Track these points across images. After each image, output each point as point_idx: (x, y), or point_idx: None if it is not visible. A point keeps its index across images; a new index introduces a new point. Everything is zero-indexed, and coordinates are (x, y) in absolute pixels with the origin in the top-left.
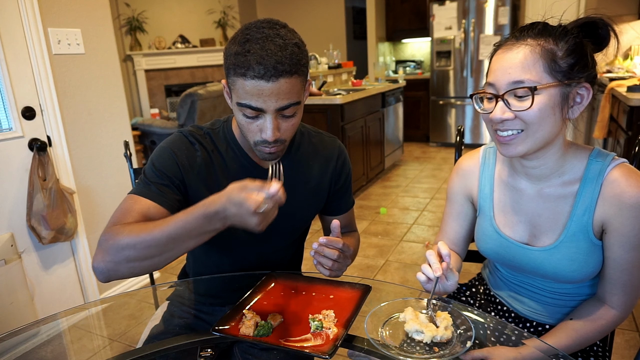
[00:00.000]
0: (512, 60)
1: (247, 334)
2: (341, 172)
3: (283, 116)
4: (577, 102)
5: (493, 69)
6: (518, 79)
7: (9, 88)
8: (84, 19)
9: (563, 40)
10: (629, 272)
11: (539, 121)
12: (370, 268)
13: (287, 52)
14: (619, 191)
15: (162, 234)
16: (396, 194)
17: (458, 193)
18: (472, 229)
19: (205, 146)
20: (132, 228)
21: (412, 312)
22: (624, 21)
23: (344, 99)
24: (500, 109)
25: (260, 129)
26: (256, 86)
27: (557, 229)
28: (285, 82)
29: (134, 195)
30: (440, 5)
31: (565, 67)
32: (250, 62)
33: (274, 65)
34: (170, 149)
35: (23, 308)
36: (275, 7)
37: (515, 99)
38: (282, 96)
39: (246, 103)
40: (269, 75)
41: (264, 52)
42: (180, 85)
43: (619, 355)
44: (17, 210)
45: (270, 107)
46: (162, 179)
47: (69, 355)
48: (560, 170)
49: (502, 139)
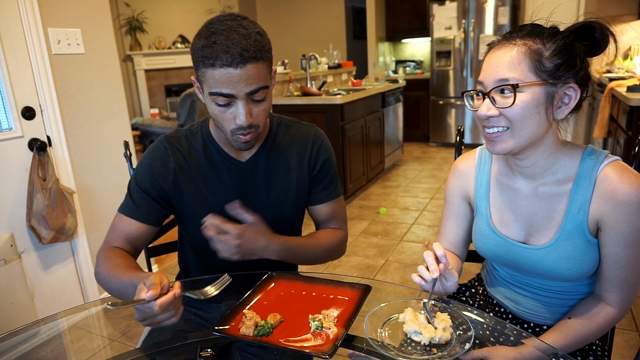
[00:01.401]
0: (500, 59)
1: (247, 334)
2: (317, 157)
3: (254, 101)
4: (565, 102)
5: (483, 67)
6: (503, 77)
7: (8, 88)
8: (83, 19)
9: (551, 40)
10: (625, 269)
11: (522, 119)
12: (370, 268)
13: (251, 40)
14: (612, 188)
15: (113, 289)
16: (396, 194)
17: (455, 194)
18: (471, 229)
19: (180, 149)
20: (104, 267)
21: (412, 313)
22: (623, 21)
23: (343, 99)
24: (485, 105)
25: (234, 117)
26: (225, 74)
27: (552, 228)
28: (252, 67)
29: (119, 214)
30: (440, 5)
31: (550, 67)
32: (218, 52)
33: (240, 52)
34: (147, 161)
35: (23, 308)
36: (275, 7)
37: (501, 97)
38: (250, 81)
39: (217, 91)
40: (237, 62)
41: (229, 41)
42: (180, 85)
43: (618, 355)
44: (16, 210)
45: (241, 92)
46: (142, 195)
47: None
48: (553, 168)
49: (489, 136)
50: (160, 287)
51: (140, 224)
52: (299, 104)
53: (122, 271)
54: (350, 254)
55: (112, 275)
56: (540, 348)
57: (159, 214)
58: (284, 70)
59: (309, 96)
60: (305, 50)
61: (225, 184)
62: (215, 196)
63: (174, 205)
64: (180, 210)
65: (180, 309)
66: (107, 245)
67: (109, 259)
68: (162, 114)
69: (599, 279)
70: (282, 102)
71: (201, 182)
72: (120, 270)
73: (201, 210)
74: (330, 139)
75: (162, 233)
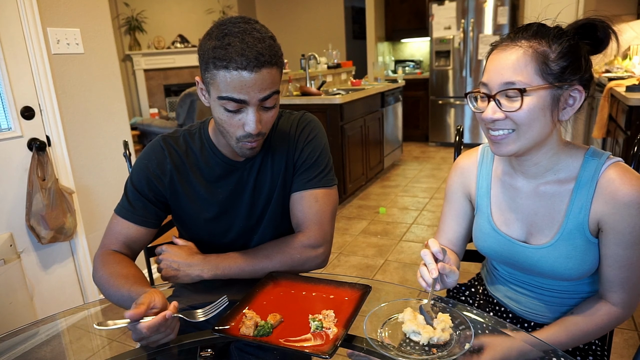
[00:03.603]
0: (505, 62)
1: (247, 334)
2: (298, 140)
3: (264, 108)
4: (569, 104)
5: (487, 69)
6: (509, 80)
7: (8, 88)
8: (83, 19)
9: (557, 42)
10: (627, 269)
11: (528, 122)
12: (370, 268)
13: (266, 44)
14: (614, 189)
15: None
16: (395, 193)
17: (456, 192)
18: (471, 228)
19: (177, 149)
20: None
21: (411, 313)
22: (622, 21)
23: (343, 98)
24: (491, 108)
25: (242, 123)
26: (238, 77)
27: (553, 227)
28: (266, 72)
29: (116, 215)
30: (440, 5)
31: (557, 69)
32: (232, 54)
33: (256, 56)
34: (143, 162)
35: (22, 308)
36: (275, 7)
37: (507, 100)
38: (264, 86)
39: (228, 96)
40: (252, 66)
41: (244, 44)
42: (180, 85)
43: (617, 354)
44: (16, 210)
45: (254, 98)
46: (139, 196)
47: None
48: (555, 168)
49: (494, 138)
50: (146, 307)
51: (137, 227)
52: (298, 104)
53: (121, 282)
54: (350, 253)
55: (111, 284)
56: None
57: (156, 216)
58: (284, 70)
59: (308, 96)
60: (304, 50)
61: (222, 184)
62: (213, 197)
63: (171, 206)
64: (177, 211)
65: (176, 327)
66: (104, 249)
67: (107, 265)
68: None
69: (600, 280)
70: (282, 102)
71: (198, 183)
72: (119, 280)
73: (198, 211)
74: (329, 139)
75: (162, 233)
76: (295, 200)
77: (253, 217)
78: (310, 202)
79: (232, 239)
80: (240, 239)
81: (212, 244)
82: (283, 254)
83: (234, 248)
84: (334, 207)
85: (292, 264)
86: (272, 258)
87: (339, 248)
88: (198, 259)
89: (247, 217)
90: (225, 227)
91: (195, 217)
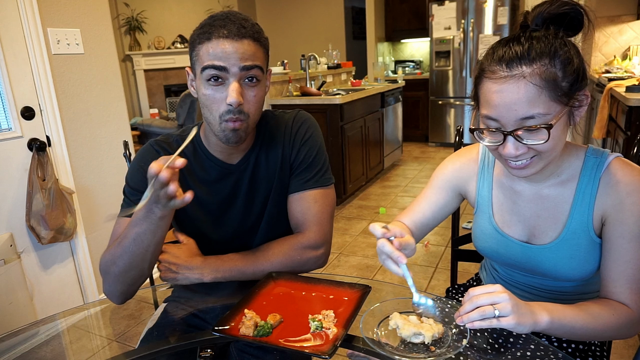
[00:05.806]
0: (515, 96)
1: (247, 334)
2: (294, 140)
3: (247, 84)
4: (579, 112)
5: (493, 103)
6: (527, 115)
7: (8, 88)
8: (83, 19)
9: (556, 56)
10: (631, 264)
11: (553, 147)
12: (370, 268)
13: (250, 23)
14: (616, 181)
15: (125, 239)
16: (395, 193)
17: (446, 182)
18: (440, 220)
19: (170, 152)
20: (109, 248)
21: (401, 317)
22: (622, 21)
23: (343, 99)
24: (512, 145)
25: (225, 97)
26: (220, 45)
27: (557, 228)
28: (248, 43)
29: (119, 219)
30: (440, 5)
31: (567, 87)
32: (215, 27)
33: (238, 27)
34: (138, 164)
35: (22, 308)
36: (275, 7)
37: (527, 133)
38: (245, 56)
39: (210, 64)
40: (233, 35)
41: (227, 20)
42: (180, 85)
43: (617, 354)
44: (16, 210)
45: (234, 66)
46: (138, 195)
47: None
48: (558, 171)
49: (514, 166)
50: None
51: None
52: (298, 104)
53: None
54: (350, 254)
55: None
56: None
57: None
58: (284, 70)
59: (308, 96)
60: (304, 50)
61: (218, 187)
62: (210, 199)
63: None
64: (175, 214)
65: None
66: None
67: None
68: (162, 114)
69: (604, 282)
70: (282, 102)
71: (194, 186)
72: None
73: (196, 214)
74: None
75: None
76: (294, 201)
77: (251, 218)
78: (309, 203)
79: (232, 239)
80: (240, 240)
81: (211, 245)
82: (283, 255)
83: (234, 248)
84: (332, 206)
85: (293, 265)
86: (273, 260)
87: (339, 248)
88: (198, 262)
89: (245, 218)
90: (223, 228)
91: (193, 216)
